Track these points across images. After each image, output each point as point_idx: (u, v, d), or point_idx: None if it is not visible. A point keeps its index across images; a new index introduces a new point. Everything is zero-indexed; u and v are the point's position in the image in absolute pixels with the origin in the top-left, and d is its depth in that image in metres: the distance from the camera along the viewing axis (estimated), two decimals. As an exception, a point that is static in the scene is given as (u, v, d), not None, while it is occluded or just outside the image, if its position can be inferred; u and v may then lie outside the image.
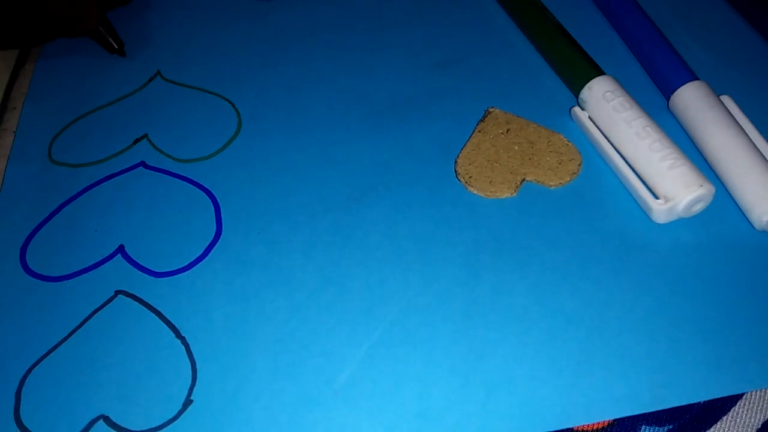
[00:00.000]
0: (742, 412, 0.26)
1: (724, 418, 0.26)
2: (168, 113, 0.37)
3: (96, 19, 0.39)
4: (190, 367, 0.27)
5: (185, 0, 0.45)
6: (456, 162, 0.33)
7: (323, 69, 0.39)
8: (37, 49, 0.42)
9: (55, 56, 0.41)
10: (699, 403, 0.26)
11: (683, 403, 0.25)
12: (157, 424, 0.26)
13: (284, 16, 0.43)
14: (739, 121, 0.32)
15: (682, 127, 0.34)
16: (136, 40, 0.42)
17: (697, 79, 0.34)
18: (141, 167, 0.35)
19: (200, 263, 0.31)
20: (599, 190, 0.32)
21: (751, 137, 0.31)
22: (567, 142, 0.34)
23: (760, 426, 0.26)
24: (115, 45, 0.40)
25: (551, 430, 0.25)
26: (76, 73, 0.40)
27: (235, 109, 0.37)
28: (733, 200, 0.31)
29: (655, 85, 0.36)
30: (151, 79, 0.39)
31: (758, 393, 0.26)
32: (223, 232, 0.32)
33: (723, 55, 0.38)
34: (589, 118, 0.34)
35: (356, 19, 0.42)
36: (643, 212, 0.31)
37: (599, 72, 0.34)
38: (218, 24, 0.43)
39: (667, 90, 0.34)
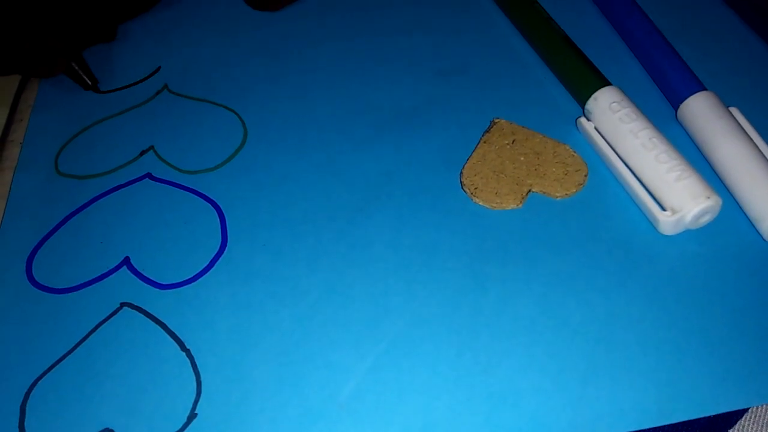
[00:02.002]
0: (748, 425, 0.26)
1: (730, 431, 0.26)
2: (174, 125, 0.38)
3: (63, 66, 0.39)
4: (194, 379, 0.27)
5: (191, 13, 0.45)
6: (461, 173, 0.33)
7: (327, 79, 0.39)
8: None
9: (62, 68, 0.42)
10: (704, 416, 0.25)
11: (690, 418, 0.25)
12: (162, 438, 0.26)
13: (288, 28, 0.43)
14: (748, 132, 0.32)
15: (690, 137, 0.34)
16: (142, 52, 0.42)
17: (705, 89, 0.34)
18: (147, 179, 0.35)
19: (205, 275, 0.31)
20: (605, 202, 0.32)
21: (759, 148, 0.31)
22: (573, 153, 0.34)
23: (767, 439, 0.25)
24: (89, 82, 0.40)
25: (557, 444, 0.25)
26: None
27: (241, 120, 0.37)
28: (742, 211, 0.31)
29: (663, 96, 0.36)
30: (158, 93, 0.39)
31: (764, 406, 0.26)
32: (228, 244, 0.32)
33: (732, 65, 0.38)
34: (595, 128, 0.34)
35: (360, 29, 0.42)
36: (650, 224, 0.31)
37: (605, 82, 0.34)
38: (224, 36, 0.43)
39: (676, 100, 0.34)
